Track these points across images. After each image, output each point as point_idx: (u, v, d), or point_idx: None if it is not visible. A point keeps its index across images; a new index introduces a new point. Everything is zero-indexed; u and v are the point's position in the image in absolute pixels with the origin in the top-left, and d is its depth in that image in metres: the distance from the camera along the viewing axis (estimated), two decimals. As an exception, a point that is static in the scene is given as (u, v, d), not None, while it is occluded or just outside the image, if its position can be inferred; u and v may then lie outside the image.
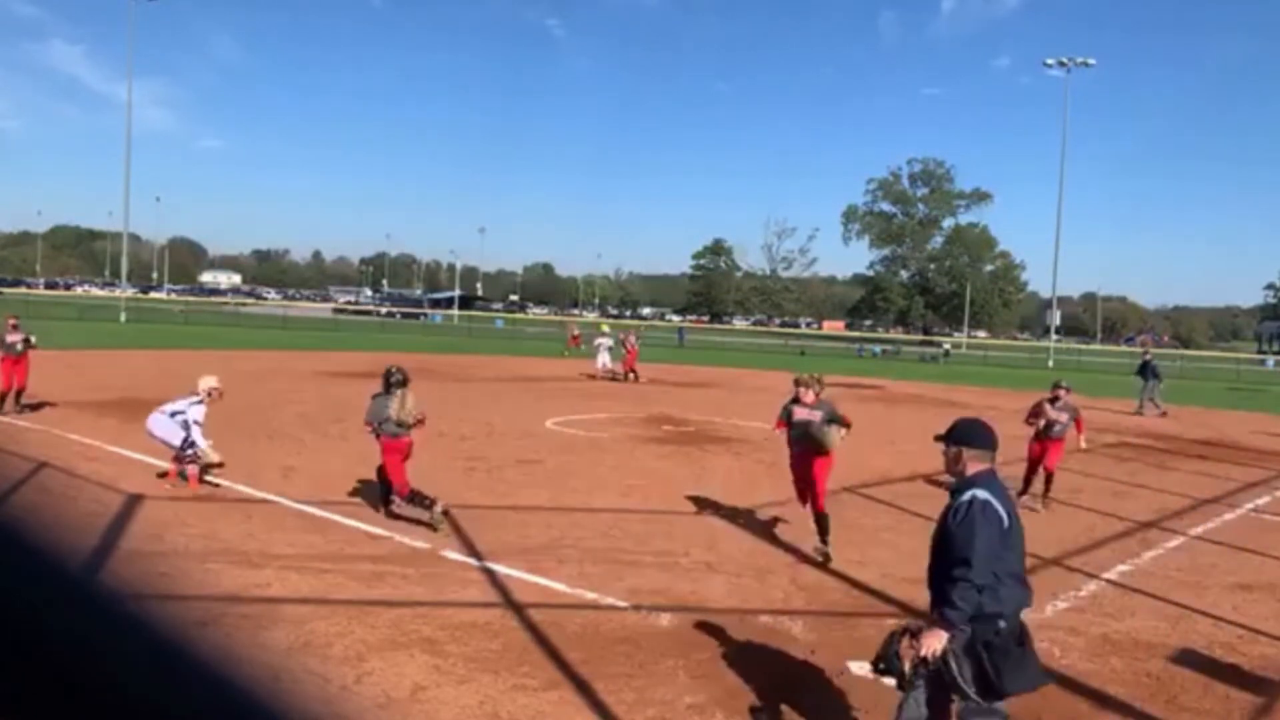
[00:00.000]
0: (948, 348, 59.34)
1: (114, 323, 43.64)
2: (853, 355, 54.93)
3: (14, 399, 13.40)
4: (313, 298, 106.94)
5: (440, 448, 12.55)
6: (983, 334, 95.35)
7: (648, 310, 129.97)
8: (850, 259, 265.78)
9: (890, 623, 6.24)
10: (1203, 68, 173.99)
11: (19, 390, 13.48)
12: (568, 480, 10.74)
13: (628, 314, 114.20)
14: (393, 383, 8.32)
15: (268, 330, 44.94)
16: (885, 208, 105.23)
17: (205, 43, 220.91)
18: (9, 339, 13.51)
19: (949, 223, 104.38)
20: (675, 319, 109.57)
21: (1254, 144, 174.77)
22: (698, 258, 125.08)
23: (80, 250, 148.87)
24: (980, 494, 3.75)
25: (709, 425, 16.65)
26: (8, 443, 11.11)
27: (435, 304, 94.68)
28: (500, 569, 6.96)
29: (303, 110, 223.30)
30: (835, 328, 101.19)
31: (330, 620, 5.66)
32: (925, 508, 10.08)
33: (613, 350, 27.10)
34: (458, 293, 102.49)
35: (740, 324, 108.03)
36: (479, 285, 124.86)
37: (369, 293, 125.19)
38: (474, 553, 7.36)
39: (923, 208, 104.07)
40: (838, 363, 43.95)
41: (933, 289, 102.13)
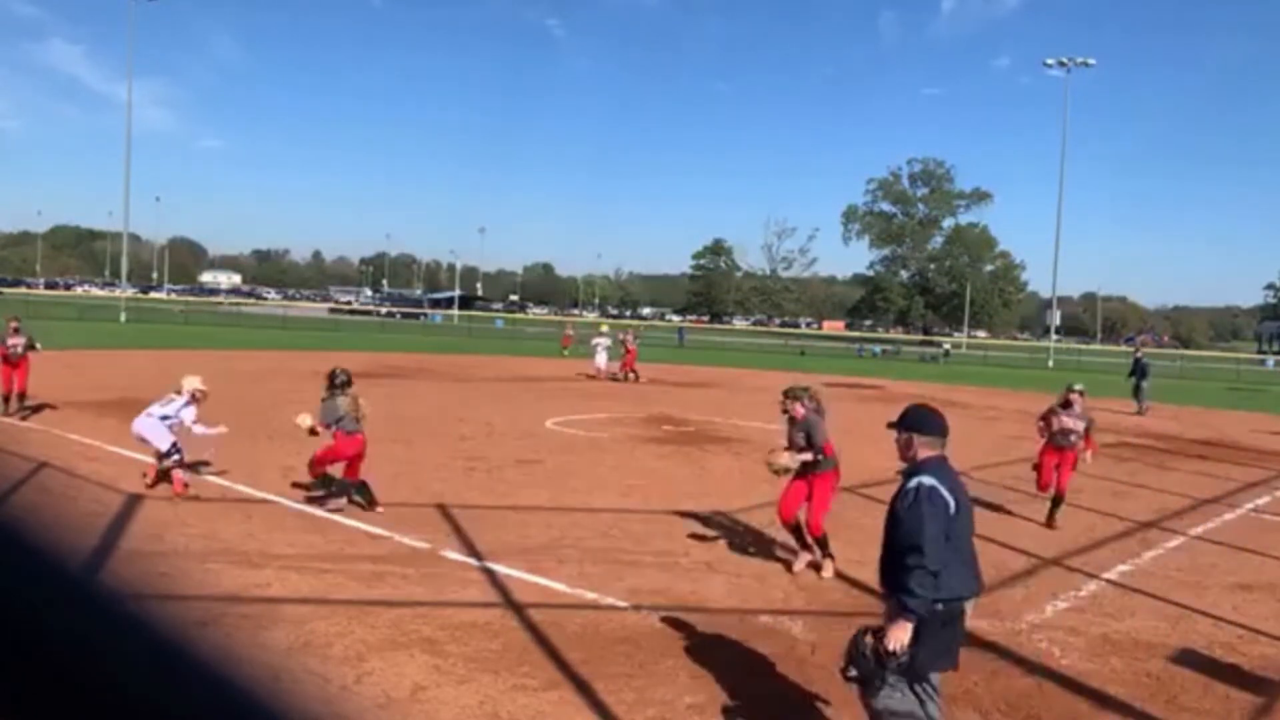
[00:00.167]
0: (948, 348, 59.35)
1: (114, 323, 43.65)
2: (853, 355, 54.94)
3: (16, 401, 13.37)
4: (313, 298, 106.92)
5: (440, 448, 12.56)
6: (983, 334, 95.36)
7: (648, 310, 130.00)
8: (850, 259, 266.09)
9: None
10: (1203, 68, 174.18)
11: (20, 394, 13.43)
12: (568, 480, 10.74)
13: (628, 314, 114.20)
14: (338, 384, 8.53)
15: (267, 330, 44.94)
16: (885, 208, 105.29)
17: (205, 43, 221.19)
18: (10, 341, 13.46)
19: (949, 223, 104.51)
20: (675, 319, 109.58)
21: (1254, 144, 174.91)
22: (698, 258, 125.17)
23: (80, 250, 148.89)
24: (926, 480, 3.81)
25: (709, 425, 16.65)
26: (8, 443, 11.11)
27: (435, 304, 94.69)
28: (500, 569, 6.95)
29: (303, 110, 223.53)
30: (835, 328, 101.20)
31: (330, 620, 5.66)
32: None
33: (610, 350, 27.06)
34: (458, 293, 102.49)
35: (740, 324, 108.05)
36: (479, 285, 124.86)
37: (369, 293, 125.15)
38: (474, 553, 7.36)
39: (923, 208, 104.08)
40: (838, 363, 43.94)
41: (933, 289, 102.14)
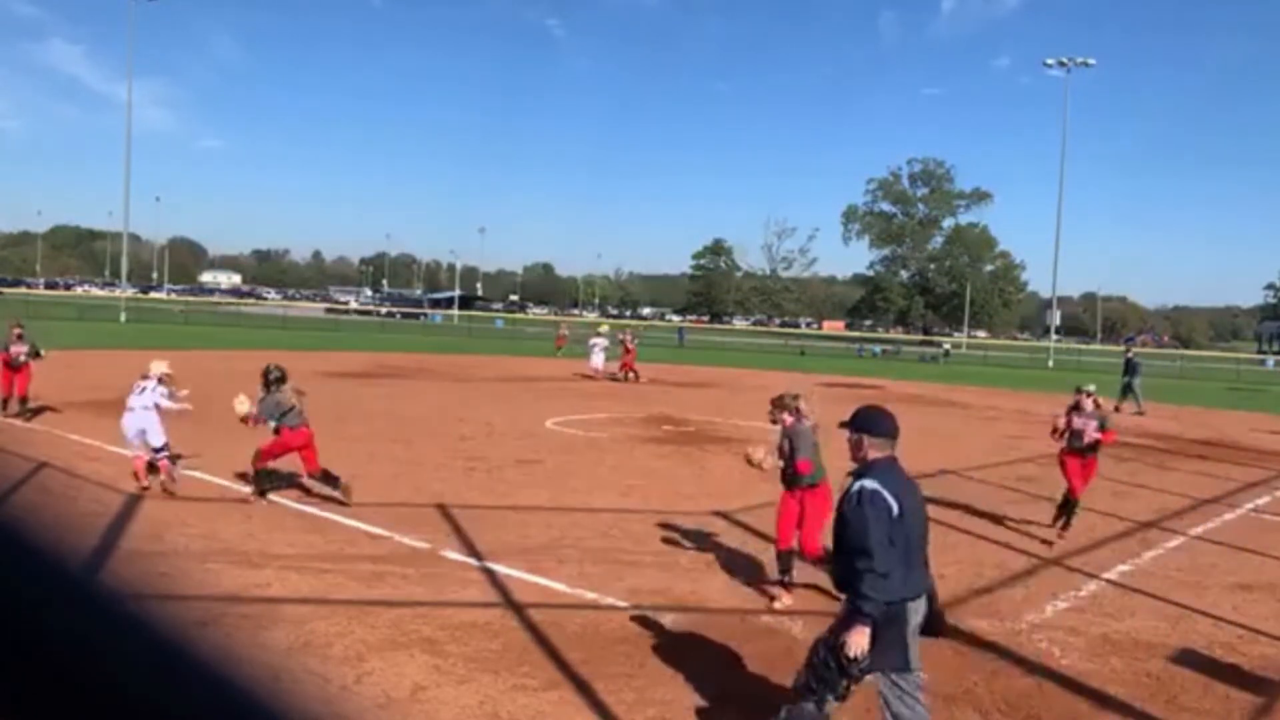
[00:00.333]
0: (948, 348, 59.34)
1: (114, 323, 43.65)
2: (853, 355, 54.95)
3: (17, 404, 13.32)
4: (312, 298, 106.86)
5: (440, 448, 12.56)
6: (983, 334, 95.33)
7: (648, 310, 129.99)
8: (850, 259, 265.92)
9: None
10: (1203, 68, 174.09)
11: (22, 398, 13.36)
12: (568, 480, 10.74)
13: (628, 314, 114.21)
14: (272, 380, 8.76)
15: (267, 330, 44.95)
16: (885, 208, 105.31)
17: (205, 43, 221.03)
18: (13, 349, 13.36)
19: (949, 223, 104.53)
20: (675, 319, 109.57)
21: (1254, 144, 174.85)
22: (698, 258, 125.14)
23: (80, 250, 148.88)
24: (869, 484, 3.85)
25: (709, 425, 16.65)
26: (8, 443, 11.11)
27: (435, 304, 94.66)
28: (500, 569, 6.95)
29: (303, 110, 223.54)
30: (835, 328, 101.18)
31: (330, 620, 5.66)
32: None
33: (608, 350, 26.97)
34: (458, 293, 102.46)
35: (740, 324, 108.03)
36: (479, 285, 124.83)
37: (369, 293, 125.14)
38: (474, 553, 7.36)
39: (923, 208, 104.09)
40: (838, 363, 43.94)
41: (933, 289, 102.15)
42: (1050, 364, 50.61)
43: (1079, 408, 9.40)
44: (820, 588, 7.14)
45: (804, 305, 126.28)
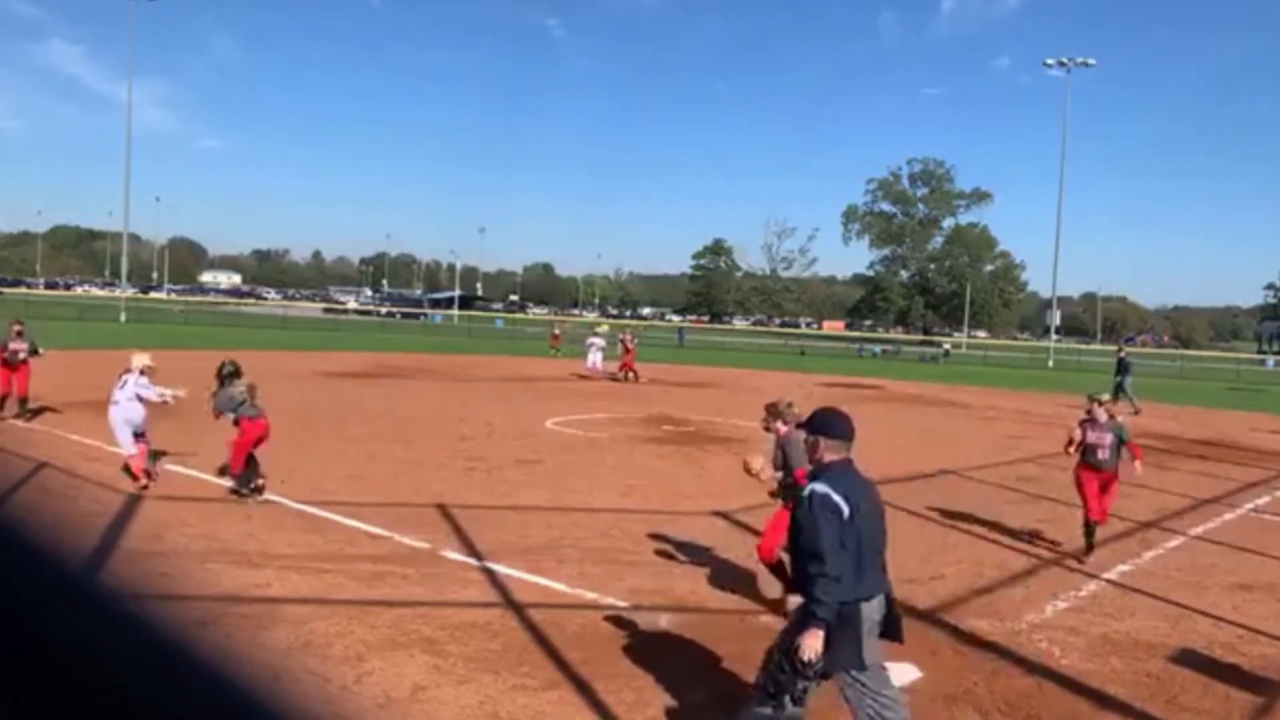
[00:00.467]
0: (948, 348, 59.34)
1: (114, 323, 43.64)
2: (853, 355, 54.95)
3: (16, 405, 13.30)
4: (312, 298, 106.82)
5: (440, 448, 12.56)
6: (983, 334, 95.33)
7: (648, 310, 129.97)
8: (850, 259, 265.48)
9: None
10: (1202, 67, 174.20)
11: (21, 398, 13.34)
12: (568, 480, 10.74)
13: (628, 314, 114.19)
14: (226, 374, 9.04)
15: (267, 330, 44.95)
16: (885, 208, 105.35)
17: (205, 43, 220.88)
18: (12, 346, 13.36)
19: (949, 223, 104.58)
20: (675, 319, 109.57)
21: (1254, 143, 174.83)
22: (698, 258, 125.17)
23: (80, 250, 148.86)
24: (819, 488, 3.88)
25: (709, 425, 16.65)
26: (8, 443, 11.11)
27: (435, 304, 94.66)
28: (500, 569, 6.95)
29: (303, 110, 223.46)
30: (835, 328, 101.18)
31: (330, 620, 5.66)
32: (924, 507, 10.08)
33: (605, 350, 26.94)
34: (458, 293, 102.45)
35: (740, 324, 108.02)
36: (479, 285, 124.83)
37: (369, 293, 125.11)
38: (474, 553, 7.36)
39: (923, 208, 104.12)
40: (838, 363, 43.95)
41: (933, 289, 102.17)
42: (1050, 364, 50.61)
43: (1092, 419, 8.59)
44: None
45: (804, 305, 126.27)
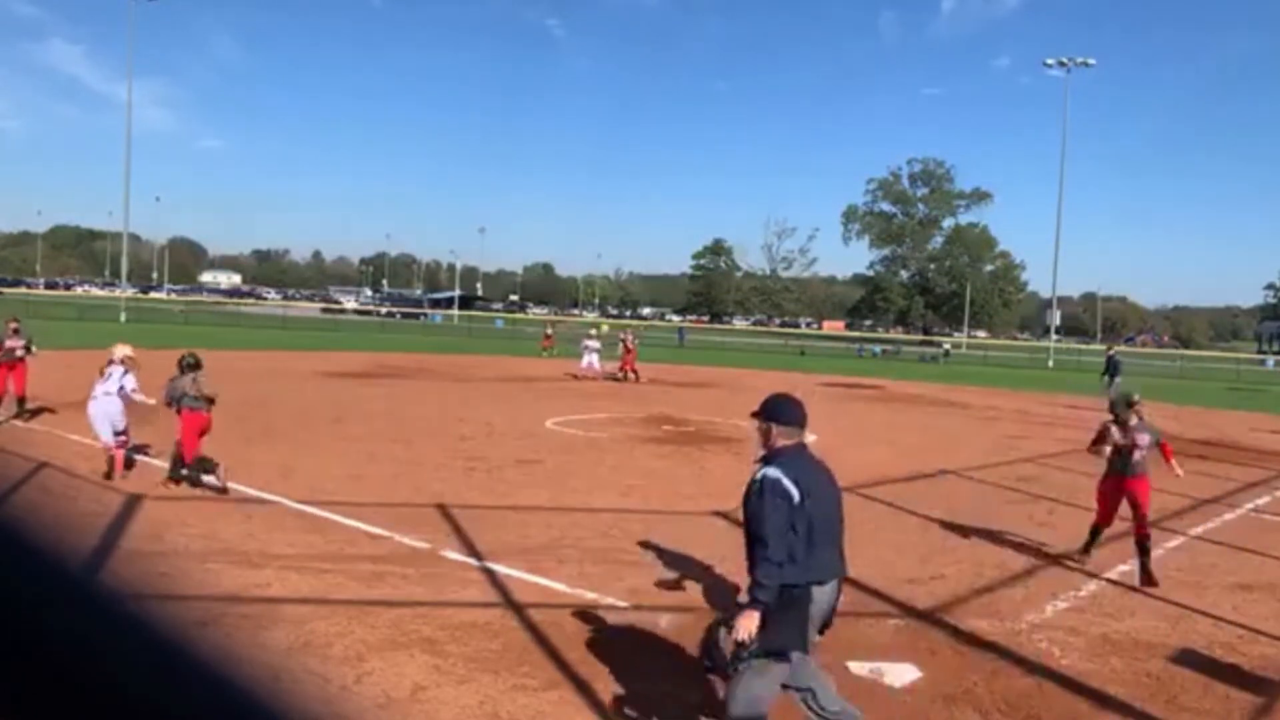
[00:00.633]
0: (948, 348, 59.35)
1: (114, 323, 43.62)
2: (853, 355, 54.96)
3: (15, 405, 13.28)
4: (311, 298, 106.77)
5: (440, 448, 12.56)
6: (983, 334, 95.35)
7: (648, 310, 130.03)
8: (850, 259, 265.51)
9: (891, 623, 6.26)
10: (1202, 67, 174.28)
11: (20, 398, 13.33)
12: (568, 480, 10.74)
13: (628, 314, 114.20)
14: (185, 365, 9.26)
15: (267, 330, 44.95)
16: (885, 208, 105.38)
17: (205, 43, 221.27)
18: (8, 343, 13.33)
19: (949, 223, 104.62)
20: (675, 319, 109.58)
21: (1254, 143, 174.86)
22: (698, 258, 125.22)
23: (80, 250, 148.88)
24: (770, 473, 3.95)
25: (709, 425, 16.65)
26: (8, 443, 11.10)
27: (435, 304, 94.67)
28: (500, 569, 6.95)
29: (303, 110, 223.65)
30: (835, 328, 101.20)
31: (330, 620, 5.66)
32: (925, 507, 10.08)
33: (600, 351, 26.85)
34: (458, 293, 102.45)
35: (740, 324, 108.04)
36: (479, 285, 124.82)
37: (369, 293, 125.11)
38: (474, 553, 7.36)
39: (923, 208, 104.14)
40: (838, 363, 43.95)
41: (933, 289, 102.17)
42: (1050, 364, 50.62)
43: (1122, 421, 7.82)
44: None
45: (804, 305, 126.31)
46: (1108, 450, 7.77)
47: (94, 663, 0.46)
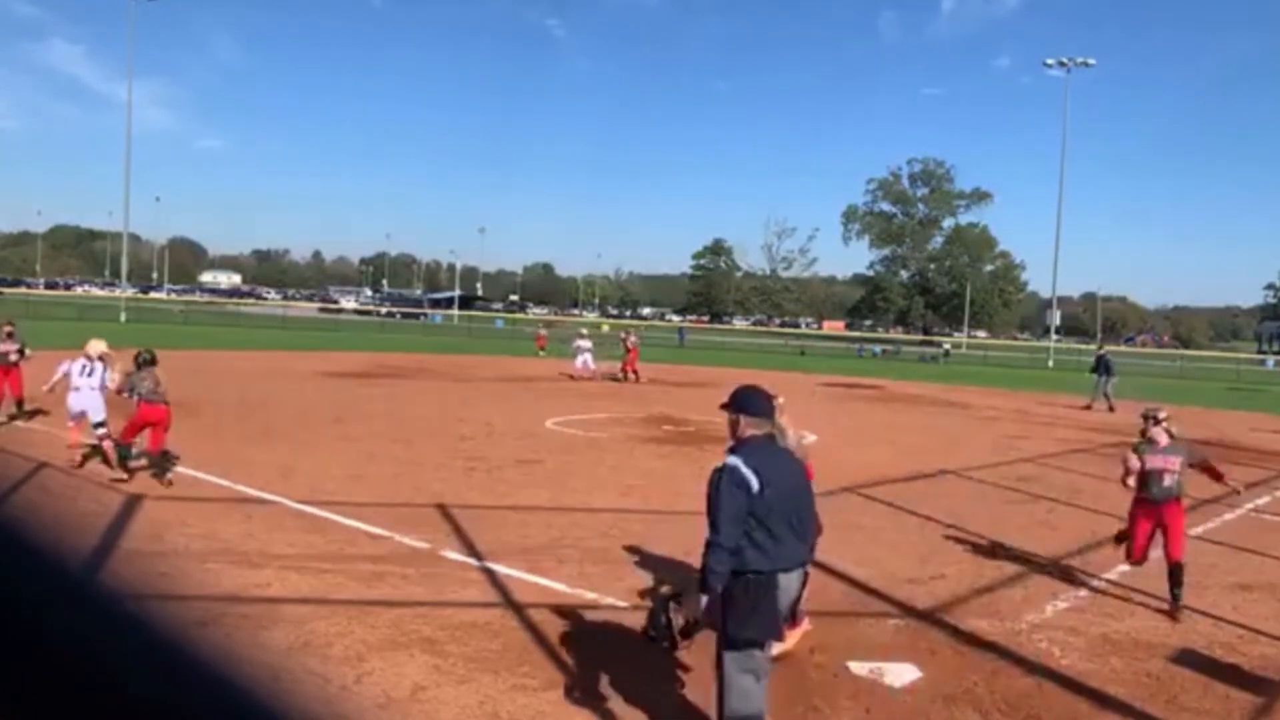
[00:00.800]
0: (948, 348, 59.37)
1: (114, 323, 43.61)
2: (853, 355, 54.96)
3: (13, 407, 13.25)
4: (311, 298, 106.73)
5: (440, 448, 12.56)
6: (983, 334, 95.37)
7: (648, 310, 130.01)
8: (850, 259, 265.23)
9: (891, 623, 6.26)
10: (1203, 67, 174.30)
11: (17, 400, 13.29)
12: (568, 480, 10.74)
13: (628, 314, 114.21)
14: (141, 361, 9.68)
15: (267, 330, 44.95)
16: (885, 208, 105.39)
17: (205, 43, 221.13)
18: (2, 348, 13.28)
19: (949, 223, 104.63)
20: (675, 319, 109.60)
21: (1254, 143, 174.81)
22: (698, 258, 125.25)
23: (80, 250, 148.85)
24: (731, 461, 4.05)
25: (709, 425, 16.63)
26: (8, 443, 11.10)
27: (435, 304, 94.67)
28: (500, 569, 6.95)
29: (303, 110, 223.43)
30: (835, 328, 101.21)
31: (330, 620, 5.66)
32: (925, 507, 10.08)
33: (593, 350, 26.90)
34: (458, 293, 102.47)
35: (740, 324, 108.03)
36: (479, 285, 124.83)
37: (369, 293, 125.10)
38: (474, 553, 7.36)
39: (923, 208, 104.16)
40: (838, 363, 43.96)
41: (933, 289, 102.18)
42: (1050, 364, 50.62)
43: (1151, 440, 7.12)
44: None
45: (804, 305, 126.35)
46: (1131, 480, 7.15)
47: (94, 663, 0.46)
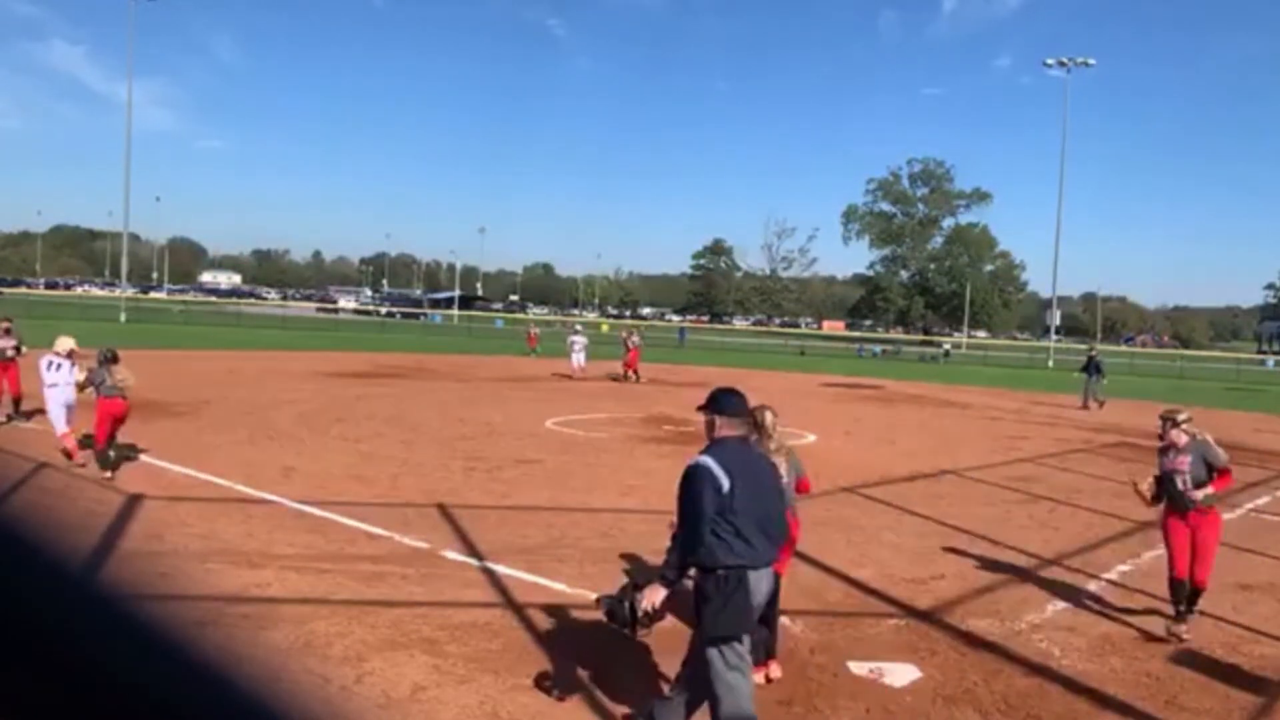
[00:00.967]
0: (948, 348, 59.41)
1: (114, 323, 43.61)
2: (853, 355, 54.98)
3: (11, 406, 13.25)
4: (311, 298, 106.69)
5: (440, 448, 12.56)
6: (983, 334, 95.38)
7: (648, 310, 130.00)
8: (850, 259, 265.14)
9: (891, 623, 6.26)
10: (1203, 67, 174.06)
11: (15, 400, 13.28)
12: (567, 480, 10.74)
13: (627, 314, 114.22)
14: (103, 358, 9.95)
15: (267, 330, 44.95)
16: (885, 208, 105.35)
17: (205, 43, 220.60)
18: (0, 344, 13.32)
19: (949, 223, 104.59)
20: (675, 319, 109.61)
21: (1254, 143, 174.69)
22: (698, 258, 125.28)
23: (80, 250, 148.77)
24: (703, 460, 4.10)
25: (709, 425, 16.63)
26: (8, 443, 11.11)
27: (435, 304, 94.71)
28: (500, 569, 6.95)
29: (303, 110, 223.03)
30: (835, 328, 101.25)
31: (330, 620, 5.66)
32: (925, 508, 10.09)
33: (587, 348, 26.99)
34: (458, 293, 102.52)
35: (740, 324, 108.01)
36: (479, 285, 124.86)
37: (369, 293, 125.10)
38: (474, 553, 7.36)
39: (923, 208, 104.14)
40: (838, 363, 43.97)
41: (933, 289, 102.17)
42: (1050, 364, 50.62)
43: (1171, 446, 6.50)
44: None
45: (804, 305, 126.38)
46: (1145, 486, 6.60)
47: (94, 663, 0.46)
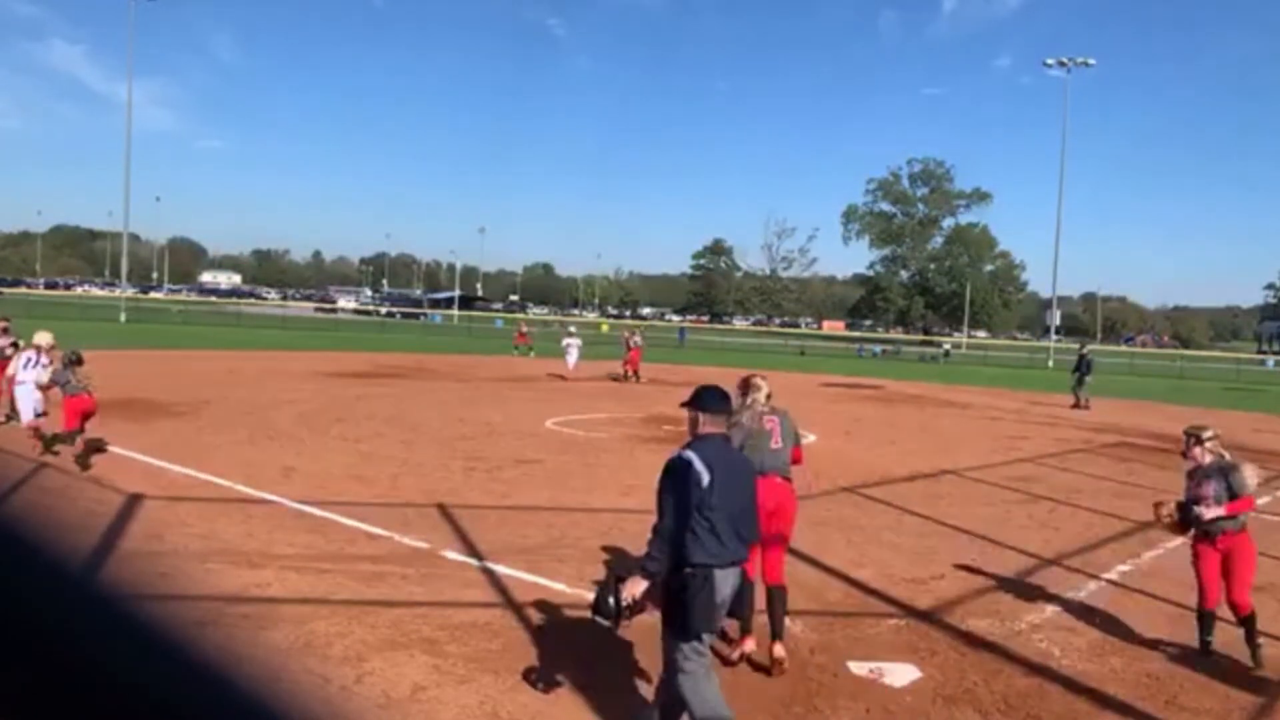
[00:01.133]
0: (948, 348, 59.42)
1: (114, 323, 43.62)
2: (853, 355, 54.98)
3: (9, 406, 13.22)
4: (311, 298, 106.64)
5: (440, 448, 12.55)
6: (983, 334, 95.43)
7: (648, 310, 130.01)
8: (850, 259, 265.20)
9: (891, 623, 6.26)
10: (1203, 67, 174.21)
11: (13, 399, 13.28)
12: (567, 480, 10.74)
13: (627, 314, 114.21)
14: (67, 360, 10.50)
15: (267, 330, 44.95)
16: (885, 208, 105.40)
17: (205, 43, 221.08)
18: None
19: (949, 223, 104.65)
20: (675, 319, 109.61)
21: (1254, 143, 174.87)
22: (698, 258, 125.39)
23: (80, 250, 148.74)
24: (685, 455, 4.13)
25: (709, 425, 16.63)
26: (8, 443, 11.11)
27: (435, 304, 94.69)
28: (500, 569, 6.95)
29: (303, 110, 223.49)
30: (835, 328, 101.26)
31: (330, 620, 5.66)
32: (925, 508, 10.08)
33: (581, 348, 26.98)
34: (458, 293, 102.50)
35: (740, 324, 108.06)
36: (479, 285, 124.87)
37: (369, 293, 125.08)
38: (474, 553, 7.36)
39: (923, 208, 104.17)
40: (838, 363, 43.98)
41: (933, 289, 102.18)
42: (1050, 364, 50.61)
43: (1197, 467, 6.24)
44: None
45: (804, 305, 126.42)
46: (1167, 511, 6.25)
47: (94, 663, 0.46)
